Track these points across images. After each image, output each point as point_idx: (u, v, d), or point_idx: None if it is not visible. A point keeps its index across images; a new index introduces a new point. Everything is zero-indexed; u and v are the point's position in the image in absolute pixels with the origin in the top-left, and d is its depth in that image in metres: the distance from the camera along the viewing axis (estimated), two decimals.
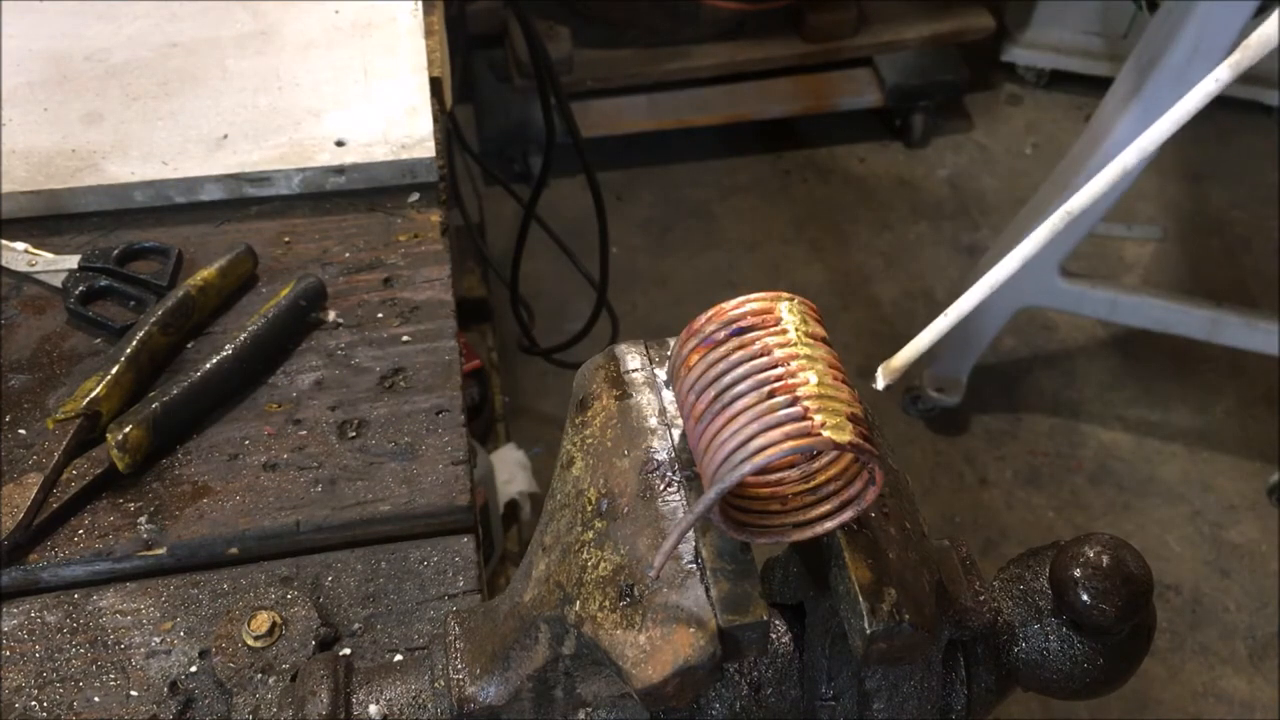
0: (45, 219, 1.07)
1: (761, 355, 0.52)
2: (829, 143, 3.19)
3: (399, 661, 0.68)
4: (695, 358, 0.54)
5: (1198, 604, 2.34)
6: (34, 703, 0.78)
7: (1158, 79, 1.92)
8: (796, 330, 0.53)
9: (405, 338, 0.99)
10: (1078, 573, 0.62)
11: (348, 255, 1.05)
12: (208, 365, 0.92)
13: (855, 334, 2.72)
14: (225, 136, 1.10)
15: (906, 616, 0.55)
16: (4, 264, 1.03)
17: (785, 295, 0.55)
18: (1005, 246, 2.33)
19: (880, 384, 0.51)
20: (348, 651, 0.79)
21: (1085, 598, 0.62)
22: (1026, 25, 3.18)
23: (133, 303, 1.00)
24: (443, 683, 0.64)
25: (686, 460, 0.59)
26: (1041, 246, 0.48)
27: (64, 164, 1.07)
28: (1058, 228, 0.47)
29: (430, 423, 0.93)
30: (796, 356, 0.52)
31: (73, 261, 1.02)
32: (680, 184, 3.08)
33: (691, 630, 0.55)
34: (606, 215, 1.96)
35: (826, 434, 0.49)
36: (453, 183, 2.17)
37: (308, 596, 0.80)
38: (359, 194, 1.10)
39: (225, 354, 0.93)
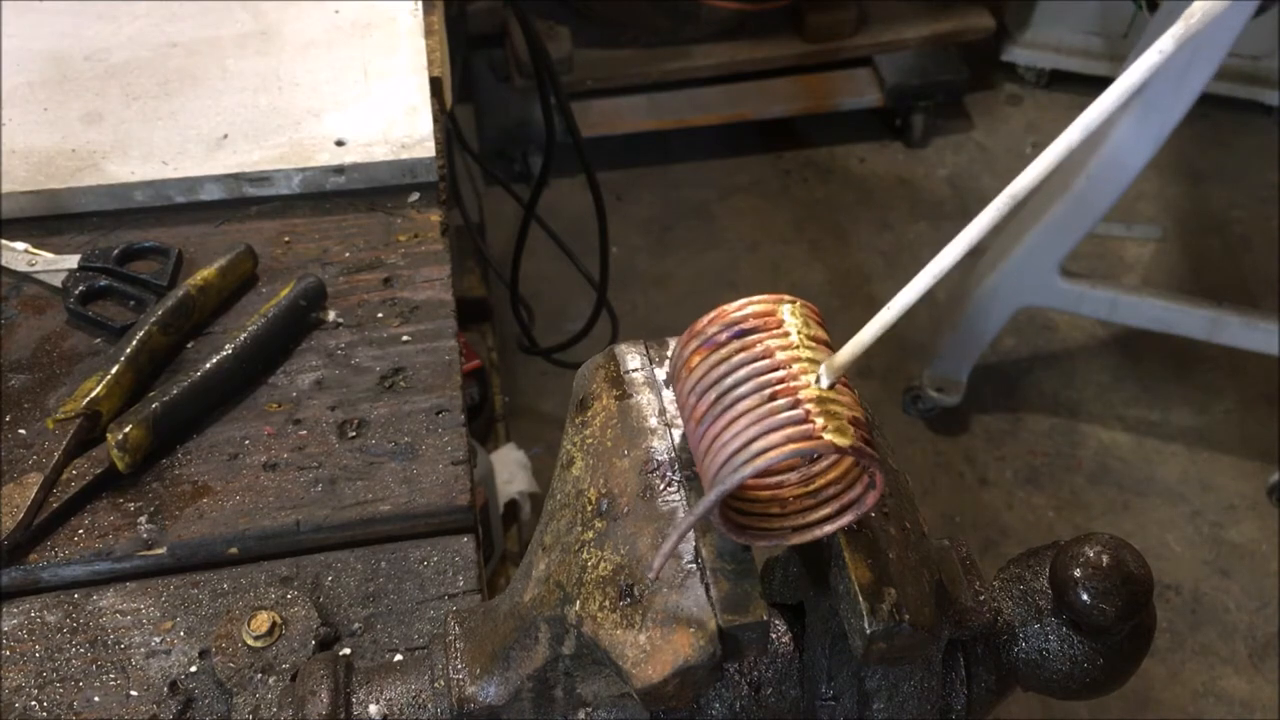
0: (45, 219, 1.07)
1: (763, 358, 0.52)
2: (829, 143, 3.19)
3: (399, 661, 0.68)
4: (697, 359, 0.54)
5: (1198, 604, 2.34)
6: (34, 703, 0.78)
7: (1158, 79, 1.92)
8: (798, 333, 0.53)
9: (405, 338, 0.99)
10: (1078, 573, 0.62)
11: (348, 255, 1.05)
12: (208, 365, 0.92)
13: (856, 333, 2.72)
14: (225, 136, 1.10)
15: (906, 616, 0.55)
16: (4, 264, 1.03)
17: (787, 298, 0.55)
18: (1005, 246, 2.34)
19: (824, 382, 0.51)
20: (348, 651, 0.79)
21: (1085, 598, 0.62)
22: (1026, 25, 3.18)
23: (133, 303, 1.00)
24: (443, 682, 0.64)
25: (686, 460, 0.59)
26: (985, 231, 0.48)
27: (64, 164, 1.07)
28: (1002, 211, 0.47)
29: (430, 423, 0.93)
30: (798, 359, 0.52)
31: (73, 261, 1.02)
32: (680, 184, 3.08)
33: (691, 630, 0.55)
34: (606, 215, 1.96)
35: (828, 437, 0.49)
36: (453, 183, 2.17)
37: (308, 596, 0.80)
38: (359, 194, 1.10)
39: (225, 354, 0.93)
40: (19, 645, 0.81)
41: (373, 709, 0.65)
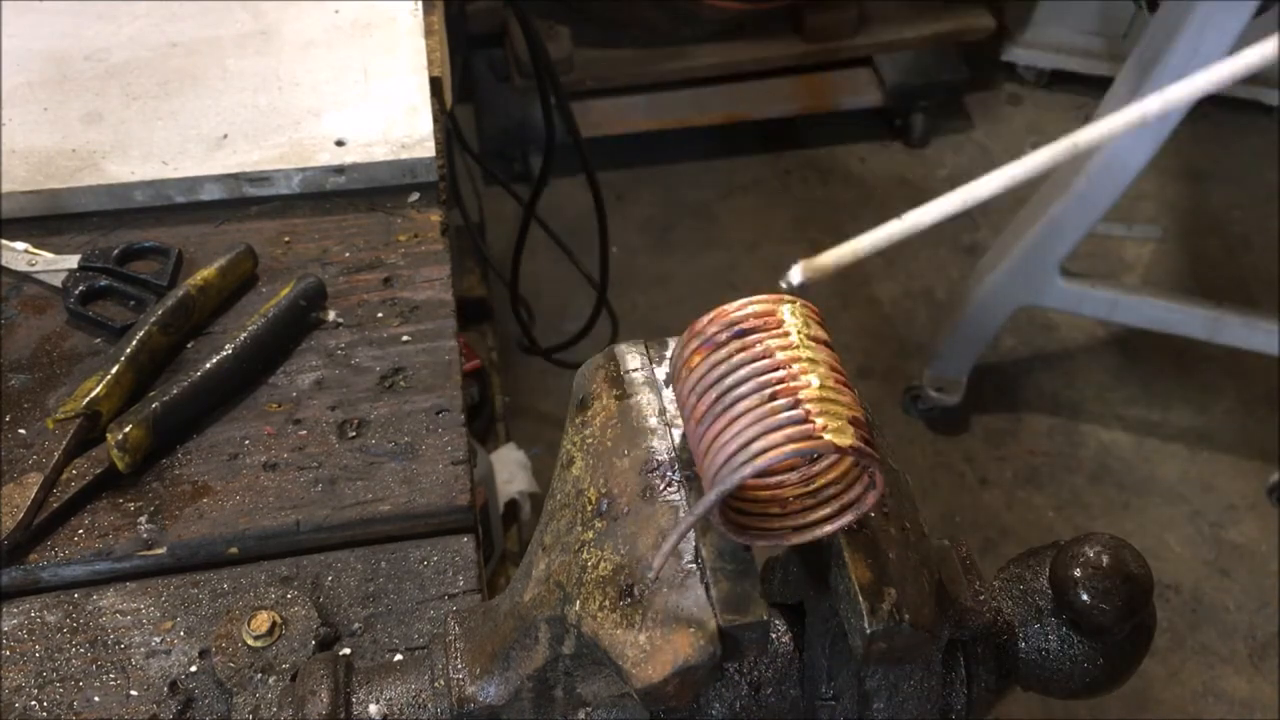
0: (45, 219, 1.07)
1: (763, 358, 0.52)
2: (829, 143, 3.18)
3: (399, 661, 0.68)
4: (697, 359, 0.54)
5: (1198, 604, 2.34)
6: (34, 703, 0.78)
7: (1158, 79, 1.92)
8: (798, 333, 0.53)
9: (405, 337, 0.99)
10: (1078, 572, 0.62)
11: (348, 255, 1.05)
12: (208, 365, 0.92)
13: (855, 334, 2.72)
14: (225, 136, 1.10)
15: (906, 616, 0.55)
16: (4, 264, 1.03)
17: (787, 297, 0.55)
18: (1005, 246, 2.33)
19: (796, 278, 0.51)
20: (348, 651, 0.79)
21: (1085, 597, 0.62)
22: (1026, 25, 3.18)
23: (133, 302, 1.00)
24: (443, 682, 0.64)
25: (686, 460, 0.59)
26: (1037, 172, 0.47)
27: (64, 164, 1.07)
28: (1060, 157, 0.46)
29: (430, 422, 0.93)
30: (798, 359, 0.52)
31: (73, 261, 1.02)
32: (680, 184, 3.08)
33: (691, 630, 0.55)
34: (606, 215, 1.96)
35: (828, 437, 0.49)
36: (453, 183, 2.17)
37: (308, 596, 0.80)
38: (359, 194, 1.10)
39: (225, 354, 0.93)
40: (19, 645, 0.81)
41: (373, 709, 0.65)
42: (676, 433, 0.60)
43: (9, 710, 0.78)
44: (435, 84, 1.17)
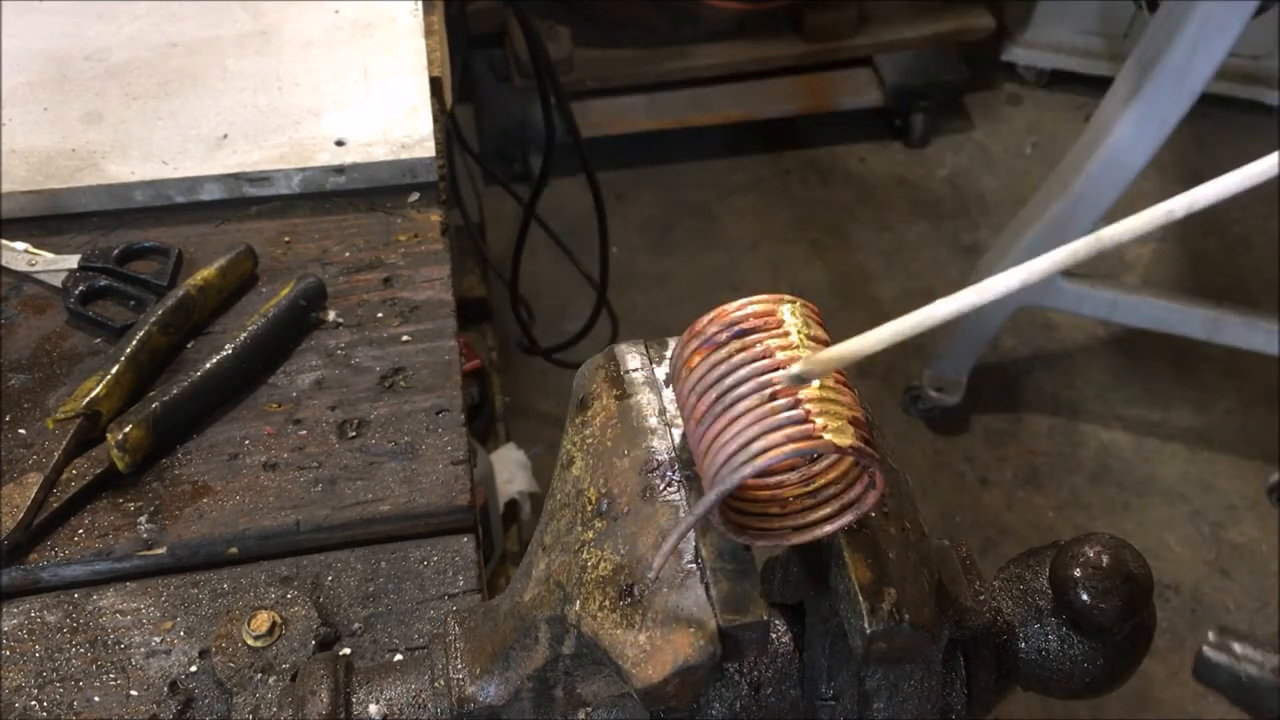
0: (45, 219, 1.07)
1: (763, 357, 0.52)
2: (829, 143, 3.18)
3: (399, 661, 0.68)
4: (697, 359, 0.54)
5: (1198, 604, 2.34)
6: (34, 703, 0.78)
7: (1158, 79, 1.92)
8: (799, 333, 0.53)
9: (405, 337, 0.99)
10: (1078, 572, 0.62)
11: (348, 255, 1.05)
12: (208, 365, 0.92)
13: (855, 334, 2.72)
14: (225, 136, 1.10)
15: (906, 616, 0.55)
16: (4, 264, 1.03)
17: (788, 297, 0.55)
18: (1005, 246, 2.33)
19: (794, 370, 0.49)
20: (348, 651, 0.79)
21: (1085, 597, 0.62)
22: (1026, 25, 3.18)
23: (133, 302, 1.00)
24: (443, 682, 0.64)
25: (686, 460, 0.59)
26: (1062, 266, 0.46)
27: (64, 164, 1.07)
28: (1081, 254, 0.45)
29: (430, 422, 0.93)
30: (798, 359, 0.52)
31: (73, 261, 1.02)
32: (680, 184, 3.08)
33: (691, 630, 0.55)
34: (606, 215, 1.96)
35: (828, 437, 0.49)
36: (453, 183, 2.17)
37: (308, 596, 0.80)
38: (359, 194, 1.10)
39: (225, 354, 0.93)
40: (19, 645, 0.81)
41: (373, 709, 0.65)
42: (676, 433, 0.60)
43: (9, 710, 0.78)
44: (435, 84, 1.17)
